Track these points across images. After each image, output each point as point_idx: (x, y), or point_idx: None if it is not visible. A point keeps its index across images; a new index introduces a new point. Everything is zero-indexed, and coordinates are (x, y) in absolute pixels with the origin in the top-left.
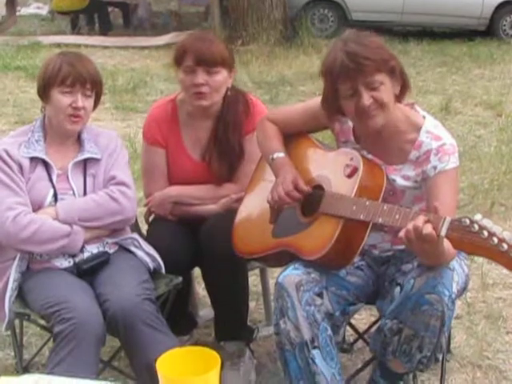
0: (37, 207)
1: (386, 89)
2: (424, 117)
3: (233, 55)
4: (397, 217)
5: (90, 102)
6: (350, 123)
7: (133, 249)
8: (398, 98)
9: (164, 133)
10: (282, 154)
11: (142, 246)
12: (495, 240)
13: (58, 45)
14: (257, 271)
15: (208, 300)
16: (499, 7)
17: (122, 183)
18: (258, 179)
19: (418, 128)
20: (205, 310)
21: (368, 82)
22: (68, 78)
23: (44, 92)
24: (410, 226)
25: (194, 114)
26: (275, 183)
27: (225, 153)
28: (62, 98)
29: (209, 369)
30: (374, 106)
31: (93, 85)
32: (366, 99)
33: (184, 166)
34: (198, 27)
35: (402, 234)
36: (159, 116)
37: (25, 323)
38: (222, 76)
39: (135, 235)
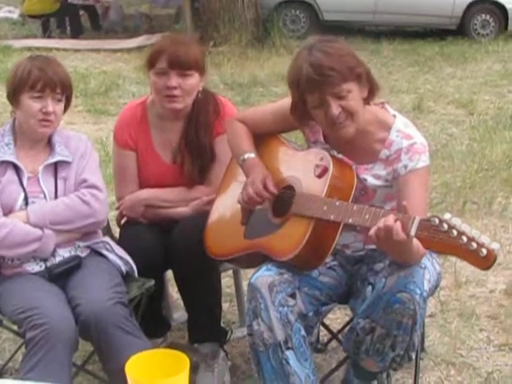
0: (8, 211)
1: (354, 96)
2: (394, 116)
3: (205, 59)
4: (367, 217)
5: (60, 107)
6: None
7: (105, 252)
8: (367, 100)
9: (134, 135)
10: (252, 155)
11: (114, 249)
12: (464, 239)
13: (29, 48)
14: (230, 272)
15: (182, 302)
16: (470, 6)
17: (93, 186)
18: (228, 180)
19: (388, 127)
20: (179, 313)
21: (335, 92)
22: (38, 83)
23: (14, 97)
24: (380, 224)
25: (164, 116)
26: (245, 184)
27: (196, 155)
28: (32, 103)
29: (178, 371)
30: (343, 114)
31: (63, 89)
32: (335, 109)
33: (155, 169)
34: (170, 29)
35: (372, 232)
36: (129, 119)
37: None
38: (194, 79)
39: (107, 238)
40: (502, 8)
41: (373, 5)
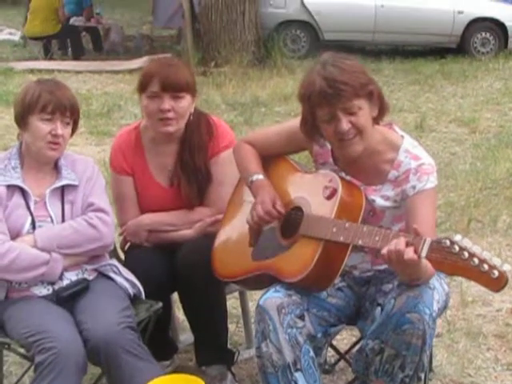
0: (15, 235)
1: (364, 113)
2: (402, 136)
3: (194, 80)
4: (377, 238)
5: (68, 130)
6: (329, 145)
7: (112, 275)
8: (376, 120)
9: (129, 161)
10: (260, 176)
11: (121, 271)
12: (476, 261)
13: (31, 70)
14: (236, 294)
15: (188, 324)
16: (470, 25)
17: (100, 210)
18: (236, 202)
19: (396, 148)
20: (185, 335)
21: (346, 107)
22: (48, 106)
23: (22, 119)
24: (392, 246)
25: (158, 140)
26: (254, 203)
27: (193, 176)
28: (41, 126)
29: None
30: (353, 131)
31: (72, 112)
32: (345, 124)
33: (153, 193)
34: (171, 50)
35: (384, 251)
36: (124, 144)
37: (4, 352)
38: (186, 101)
39: (114, 261)
40: (502, 26)
41: (373, 24)
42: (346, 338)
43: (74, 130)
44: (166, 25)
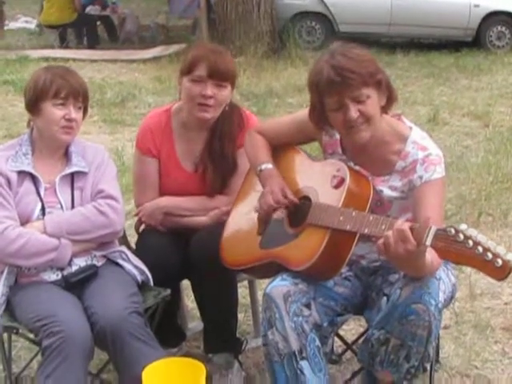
0: (25, 221)
1: (373, 102)
2: (411, 128)
3: (237, 71)
4: (383, 227)
5: (80, 115)
6: (338, 135)
7: (121, 262)
8: (384, 109)
9: (157, 143)
10: (269, 166)
11: (130, 258)
12: (480, 249)
13: (47, 59)
14: (245, 283)
15: (197, 312)
16: (486, 18)
17: (110, 197)
18: (245, 191)
19: (404, 139)
20: (194, 323)
21: (354, 95)
22: (62, 91)
23: (35, 105)
24: (389, 232)
25: (189, 125)
26: (263, 193)
27: (219, 165)
28: (54, 111)
29: (194, 380)
30: (361, 119)
31: (84, 97)
32: (353, 112)
33: (176, 177)
34: (186, 40)
35: (380, 241)
36: (153, 126)
37: (13, 337)
38: (228, 91)
39: (123, 248)
40: None
41: (388, 17)
42: (353, 328)
43: (84, 116)
44: (181, 15)
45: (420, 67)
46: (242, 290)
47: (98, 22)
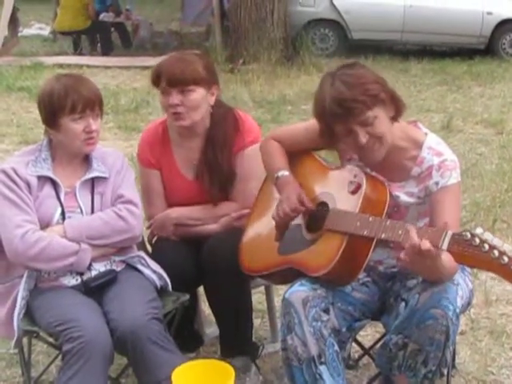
0: (45, 225)
1: (381, 120)
2: (426, 133)
3: (213, 72)
4: (399, 232)
5: (99, 122)
6: None
7: (139, 267)
8: (395, 118)
9: (157, 154)
10: (286, 173)
11: (149, 263)
12: (496, 253)
13: (61, 65)
14: (261, 289)
15: (214, 318)
16: (499, 26)
17: (130, 202)
18: (264, 198)
19: (419, 145)
20: (211, 328)
21: (361, 120)
22: (78, 105)
23: (53, 121)
24: (407, 245)
25: (183, 134)
26: (280, 200)
27: (215, 172)
28: (74, 126)
29: (224, 381)
30: (372, 140)
31: (100, 105)
32: (363, 137)
33: (179, 187)
34: (200, 47)
35: (402, 255)
36: (151, 138)
37: (32, 341)
38: (197, 94)
39: (142, 253)
40: None
41: (401, 24)
42: (370, 334)
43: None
44: (194, 21)
45: (433, 74)
46: (259, 296)
47: (112, 29)
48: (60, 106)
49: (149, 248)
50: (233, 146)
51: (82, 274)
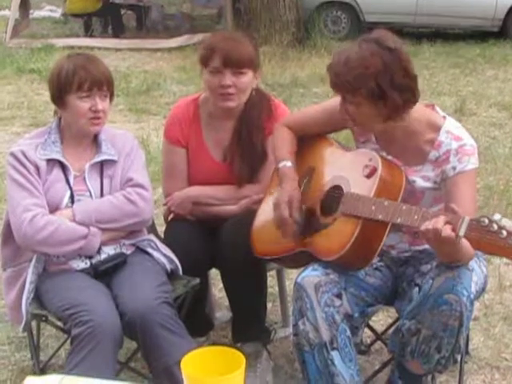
0: (54, 208)
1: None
2: (444, 117)
3: (259, 56)
4: (416, 217)
5: (107, 103)
6: None
7: (150, 250)
8: (404, 107)
9: (185, 133)
10: (288, 163)
11: (159, 247)
12: None
13: (72, 47)
14: (273, 272)
15: (224, 301)
16: None
17: (139, 185)
18: (275, 181)
19: (437, 128)
20: (221, 312)
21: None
22: (85, 84)
23: (60, 98)
24: (430, 225)
25: (217, 115)
26: (273, 203)
27: (247, 154)
28: (80, 104)
29: (234, 369)
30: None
31: (108, 85)
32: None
33: (205, 167)
34: (211, 29)
35: (422, 228)
36: (181, 116)
37: (41, 325)
38: (248, 77)
39: (152, 236)
40: None
41: (414, 7)
42: (382, 319)
43: (110, 102)
44: (206, 4)
45: (446, 57)
46: (270, 280)
47: (124, 11)
48: (67, 83)
49: (159, 231)
50: (264, 130)
51: (91, 258)
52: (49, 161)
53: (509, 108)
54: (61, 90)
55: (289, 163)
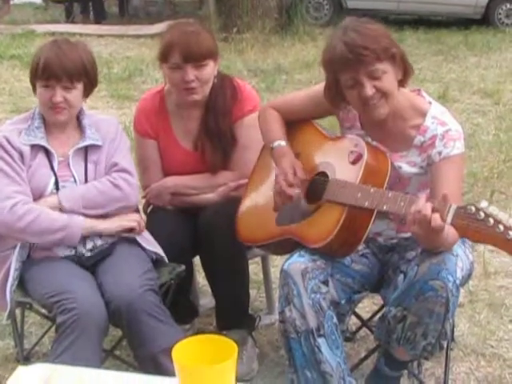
0: (38, 195)
1: (389, 77)
2: (430, 102)
3: (216, 43)
4: (402, 204)
5: (72, 94)
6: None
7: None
8: (402, 82)
9: (153, 124)
10: (282, 143)
11: (144, 235)
12: (501, 227)
13: (53, 33)
14: (258, 259)
15: (208, 289)
16: None
17: (125, 170)
18: (260, 166)
19: (423, 113)
20: (205, 299)
21: (369, 71)
22: (44, 74)
23: (32, 84)
24: (417, 213)
25: (183, 105)
26: (276, 175)
27: (217, 141)
28: (42, 92)
29: (226, 357)
30: (377, 95)
31: (72, 78)
32: (369, 89)
33: (176, 157)
34: (193, 16)
35: (410, 217)
36: (147, 108)
37: (25, 312)
38: (210, 68)
39: None
40: None
41: None
42: (367, 306)
43: (88, 90)
44: None
45: (429, 44)
46: (255, 267)
47: None
48: (33, 70)
49: (144, 217)
50: (232, 115)
51: (75, 246)
52: (33, 146)
53: (491, 95)
54: (31, 76)
55: (283, 142)
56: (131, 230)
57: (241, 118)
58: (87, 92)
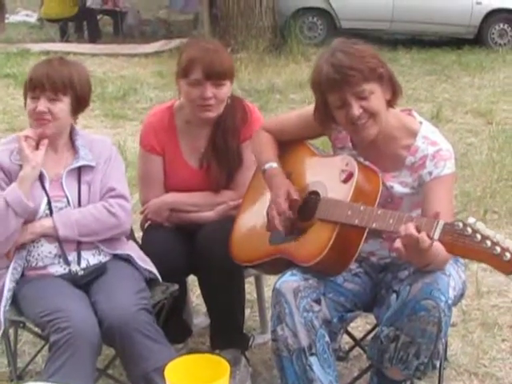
0: (31, 216)
1: (376, 97)
2: (421, 122)
3: (233, 64)
4: (391, 221)
5: (57, 105)
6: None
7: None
8: (391, 102)
9: (161, 140)
10: (274, 165)
11: (138, 252)
12: (488, 243)
13: (47, 52)
14: (251, 279)
15: (202, 308)
16: (488, 16)
17: (121, 196)
18: (254, 187)
19: (413, 134)
20: (199, 318)
21: (356, 91)
22: (31, 85)
23: (25, 100)
24: (403, 232)
25: (193, 122)
26: (270, 199)
27: (224, 160)
28: (29, 103)
29: (218, 377)
30: (365, 115)
31: (55, 89)
32: (356, 109)
33: (181, 174)
34: (188, 35)
35: (396, 244)
36: (156, 123)
37: (18, 331)
38: (227, 88)
39: (131, 243)
40: None
41: (390, 13)
42: (360, 325)
43: (77, 107)
44: (182, 9)
45: (422, 64)
46: (248, 286)
47: (99, 16)
48: (25, 85)
49: (138, 237)
50: (240, 135)
51: (69, 264)
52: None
53: (484, 115)
54: (23, 91)
55: (274, 164)
56: None
57: (248, 139)
58: (76, 109)
